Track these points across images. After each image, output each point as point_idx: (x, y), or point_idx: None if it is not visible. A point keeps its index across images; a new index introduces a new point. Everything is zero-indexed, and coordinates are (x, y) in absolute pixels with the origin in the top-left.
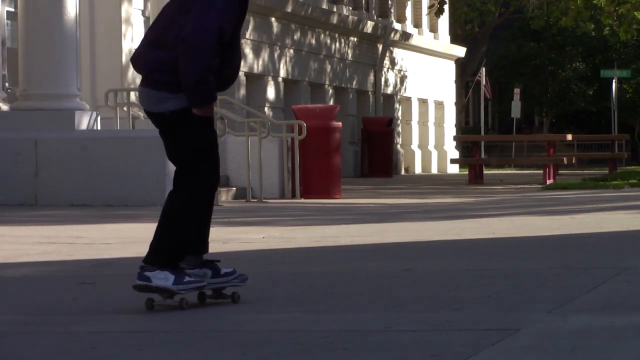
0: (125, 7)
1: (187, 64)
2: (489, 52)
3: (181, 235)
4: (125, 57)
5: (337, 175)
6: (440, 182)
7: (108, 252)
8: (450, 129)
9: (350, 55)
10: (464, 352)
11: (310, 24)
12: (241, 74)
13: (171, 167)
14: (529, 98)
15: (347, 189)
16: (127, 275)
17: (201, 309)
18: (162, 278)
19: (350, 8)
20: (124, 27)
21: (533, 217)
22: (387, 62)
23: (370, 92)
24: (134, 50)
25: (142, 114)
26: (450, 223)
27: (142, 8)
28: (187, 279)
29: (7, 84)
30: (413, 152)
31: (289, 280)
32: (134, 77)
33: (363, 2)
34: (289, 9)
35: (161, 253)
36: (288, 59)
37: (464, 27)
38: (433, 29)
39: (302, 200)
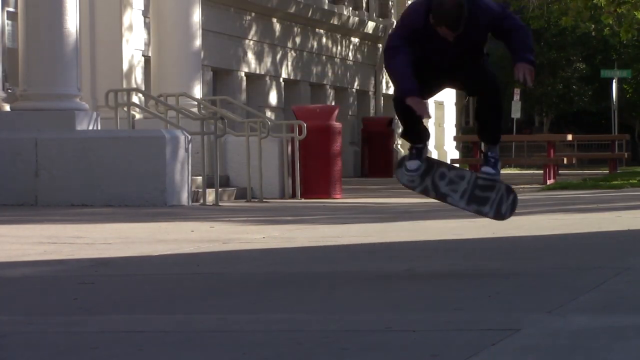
0: (125, 7)
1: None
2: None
3: None
4: (125, 58)
5: (338, 176)
6: None
7: (108, 252)
8: (450, 129)
9: (351, 56)
10: (464, 352)
11: (312, 25)
12: (242, 74)
13: (171, 167)
14: (529, 98)
15: (347, 189)
16: (127, 275)
17: (201, 309)
18: None
19: (351, 9)
20: (124, 28)
21: (533, 217)
22: None
23: (370, 93)
24: (134, 51)
25: (142, 115)
26: (450, 223)
27: (143, 8)
28: None
29: (7, 84)
30: None
31: (289, 280)
32: (134, 77)
33: (364, 2)
34: (291, 10)
35: None
36: (289, 59)
37: None
38: None
39: (303, 200)
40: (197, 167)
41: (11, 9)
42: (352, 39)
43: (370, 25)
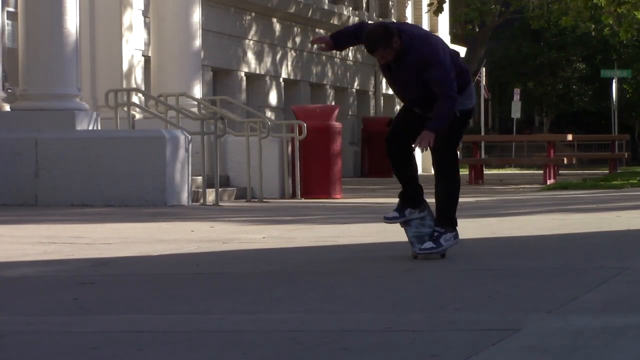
0: (125, 7)
1: None
2: (489, 52)
3: None
4: (125, 58)
5: (338, 175)
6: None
7: (108, 252)
8: None
9: (351, 56)
10: (464, 352)
11: (312, 25)
12: (242, 74)
13: (171, 167)
14: (529, 98)
15: (347, 188)
16: (127, 275)
17: (201, 309)
18: None
19: (351, 9)
20: (124, 28)
21: (533, 216)
22: None
23: (370, 93)
24: (134, 51)
25: (142, 115)
26: None
27: (143, 8)
28: None
29: (7, 84)
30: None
31: (288, 280)
32: (134, 77)
33: (364, 2)
34: (291, 10)
35: None
36: (289, 59)
37: (464, 27)
38: (433, 29)
39: (303, 200)
40: (197, 167)
41: (11, 9)
42: None
43: None
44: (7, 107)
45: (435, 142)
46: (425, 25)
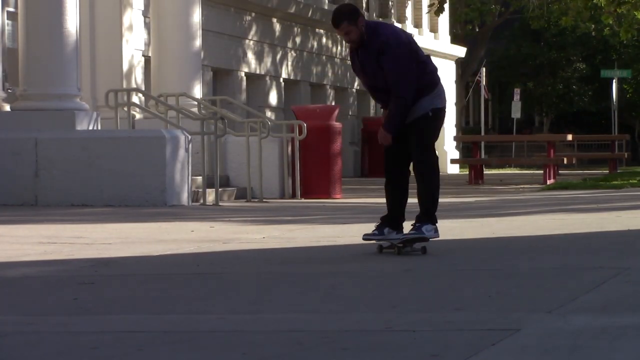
0: (125, 7)
1: None
2: (489, 52)
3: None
4: (125, 58)
5: (338, 175)
6: (440, 182)
7: (108, 252)
8: (450, 129)
9: None
10: (464, 352)
11: (312, 25)
12: (242, 74)
13: (171, 167)
14: (529, 98)
15: (347, 189)
16: (127, 275)
17: (201, 309)
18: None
19: None
20: (124, 28)
21: (533, 216)
22: None
23: None
24: (134, 51)
25: (142, 115)
26: (450, 223)
27: (143, 8)
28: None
29: (7, 84)
30: None
31: (288, 280)
32: (134, 77)
33: (364, 2)
34: (291, 10)
35: None
36: (289, 59)
37: (464, 27)
38: (433, 29)
39: (303, 200)
40: (197, 167)
41: (11, 9)
42: None
43: None
44: (7, 107)
45: (417, 142)
46: (426, 25)
